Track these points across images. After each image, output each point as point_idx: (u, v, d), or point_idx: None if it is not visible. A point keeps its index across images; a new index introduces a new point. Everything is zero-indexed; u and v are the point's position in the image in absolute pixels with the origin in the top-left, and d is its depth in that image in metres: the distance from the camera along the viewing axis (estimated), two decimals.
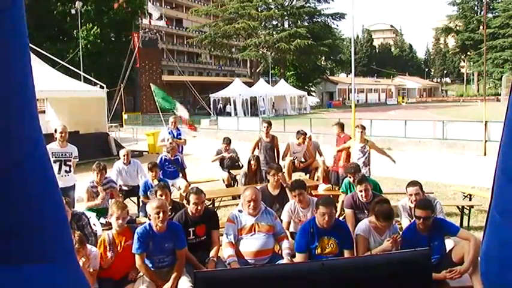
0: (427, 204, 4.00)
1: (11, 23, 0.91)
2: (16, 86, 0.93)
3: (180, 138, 9.24)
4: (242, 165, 8.98)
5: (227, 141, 9.07)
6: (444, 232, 4.03)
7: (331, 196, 6.03)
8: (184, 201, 4.59)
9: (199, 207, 4.30)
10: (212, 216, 4.55)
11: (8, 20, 0.90)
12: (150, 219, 3.96)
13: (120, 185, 7.23)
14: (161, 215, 3.79)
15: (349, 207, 5.10)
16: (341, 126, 8.47)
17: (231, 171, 8.76)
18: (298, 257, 3.99)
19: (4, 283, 0.94)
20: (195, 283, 1.79)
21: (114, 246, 3.95)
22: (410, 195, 4.66)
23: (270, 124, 8.31)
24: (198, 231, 4.34)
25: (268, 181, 5.75)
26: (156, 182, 6.27)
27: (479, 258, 2.00)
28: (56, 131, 6.52)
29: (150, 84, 12.76)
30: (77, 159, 6.69)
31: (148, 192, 6.33)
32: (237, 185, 8.20)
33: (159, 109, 12.43)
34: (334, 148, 8.35)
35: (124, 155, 7.40)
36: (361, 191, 4.99)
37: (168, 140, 8.92)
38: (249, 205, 4.16)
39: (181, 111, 13.06)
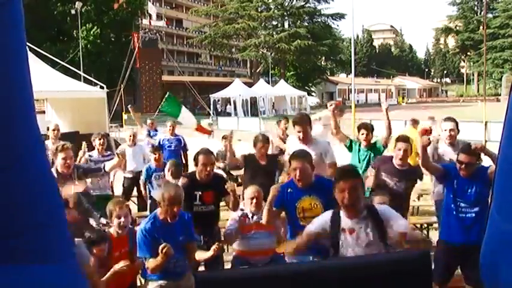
0: (472, 150, 3.71)
1: (11, 16, 0.91)
2: (15, 80, 0.93)
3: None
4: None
5: (227, 137, 8.85)
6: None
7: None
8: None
9: (208, 169, 3.98)
10: (220, 181, 4.25)
11: (8, 13, 0.90)
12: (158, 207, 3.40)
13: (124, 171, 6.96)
14: (175, 207, 3.23)
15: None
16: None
17: (230, 171, 8.65)
18: (267, 206, 3.69)
19: (5, 283, 0.94)
20: (195, 283, 1.78)
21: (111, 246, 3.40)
22: (445, 130, 4.54)
23: (287, 121, 7.74)
24: (206, 197, 4.02)
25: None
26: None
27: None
28: (48, 129, 6.52)
29: (168, 93, 11.56)
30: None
31: (153, 177, 6.03)
32: (236, 185, 8.11)
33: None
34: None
35: (130, 136, 7.02)
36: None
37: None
38: (252, 202, 4.04)
39: (187, 120, 11.16)
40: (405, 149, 4.35)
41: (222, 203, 4.49)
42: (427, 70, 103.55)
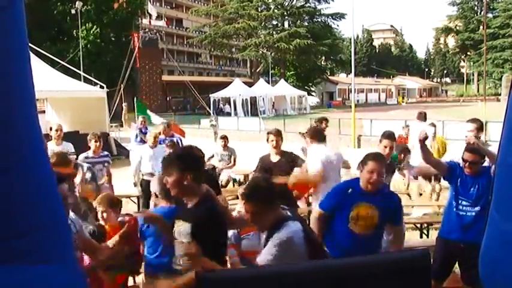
0: (476, 149, 3.76)
1: (13, 19, 0.91)
2: (17, 81, 0.94)
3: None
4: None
5: (224, 137, 8.77)
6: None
7: None
8: None
9: None
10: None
11: (10, 16, 0.90)
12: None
13: (142, 174, 6.83)
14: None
15: None
16: None
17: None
18: (315, 213, 3.53)
19: (7, 283, 0.94)
20: (197, 283, 1.77)
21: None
22: (467, 131, 4.49)
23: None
24: None
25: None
26: None
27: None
28: (51, 129, 6.36)
29: (135, 98, 12.90)
30: (74, 156, 6.28)
31: None
32: (234, 185, 8.11)
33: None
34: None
35: (153, 137, 7.01)
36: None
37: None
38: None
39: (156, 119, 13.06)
40: (391, 146, 4.55)
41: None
42: (427, 70, 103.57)
